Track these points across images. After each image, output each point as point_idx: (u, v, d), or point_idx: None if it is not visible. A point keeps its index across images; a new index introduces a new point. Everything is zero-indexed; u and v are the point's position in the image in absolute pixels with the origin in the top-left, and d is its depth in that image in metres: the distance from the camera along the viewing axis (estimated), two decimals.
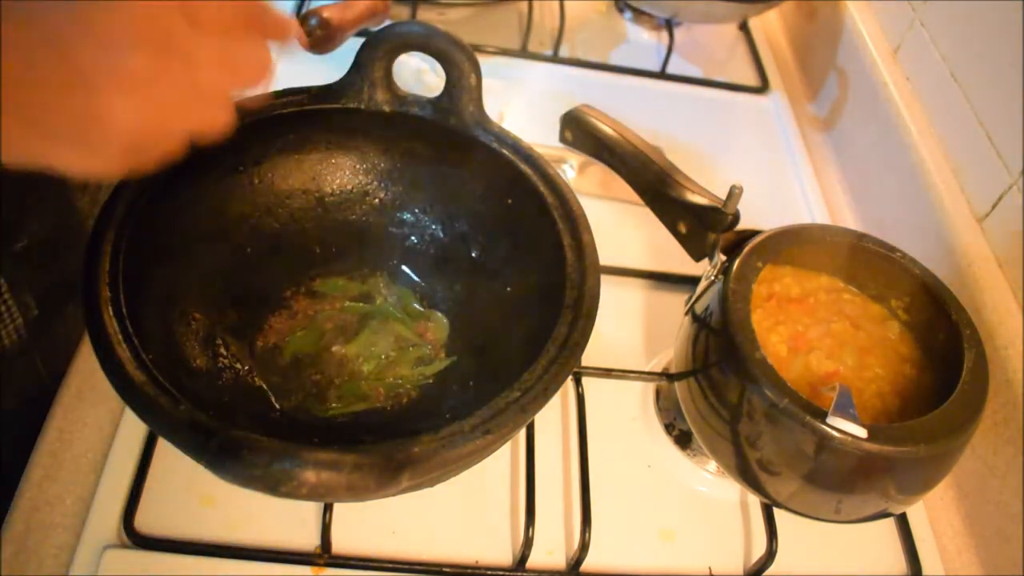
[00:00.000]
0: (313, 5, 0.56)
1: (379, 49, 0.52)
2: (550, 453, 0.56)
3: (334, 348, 0.55)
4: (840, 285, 0.55)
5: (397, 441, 0.37)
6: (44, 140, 0.29)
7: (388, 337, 0.55)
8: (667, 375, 0.60)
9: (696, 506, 0.56)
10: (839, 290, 0.54)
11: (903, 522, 0.56)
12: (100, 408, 0.54)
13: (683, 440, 0.58)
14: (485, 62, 0.59)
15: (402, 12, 0.84)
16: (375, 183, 0.58)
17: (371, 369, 0.54)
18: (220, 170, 0.52)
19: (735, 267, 0.50)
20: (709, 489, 0.57)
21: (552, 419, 0.58)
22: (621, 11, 0.97)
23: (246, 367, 0.51)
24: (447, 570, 0.50)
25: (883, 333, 0.52)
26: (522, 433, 0.55)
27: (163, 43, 0.29)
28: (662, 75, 0.89)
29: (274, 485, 0.34)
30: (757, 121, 0.87)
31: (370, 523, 0.51)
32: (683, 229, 0.56)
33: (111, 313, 0.40)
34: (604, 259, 0.49)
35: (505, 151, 0.53)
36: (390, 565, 0.49)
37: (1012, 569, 0.53)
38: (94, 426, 0.53)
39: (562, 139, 0.62)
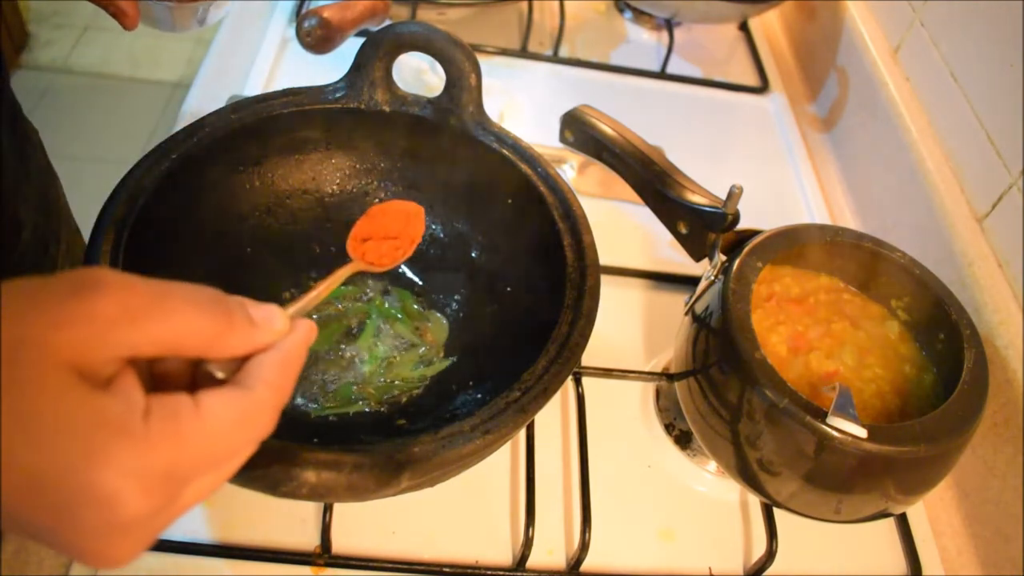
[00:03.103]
0: (313, 5, 0.56)
1: (379, 49, 0.52)
2: (550, 453, 0.56)
3: (334, 349, 0.55)
4: (840, 285, 0.55)
5: (397, 441, 0.37)
6: None
7: (388, 338, 0.55)
8: (667, 375, 0.60)
9: (696, 506, 0.56)
10: (839, 290, 0.55)
11: (903, 522, 0.56)
12: None
13: (683, 440, 0.58)
14: (485, 62, 0.59)
15: (402, 12, 0.84)
16: (375, 183, 0.58)
17: (371, 370, 0.54)
18: (220, 170, 0.52)
19: (735, 267, 0.50)
20: (709, 489, 0.57)
21: (552, 419, 0.58)
22: (621, 11, 0.97)
23: None
24: (447, 570, 0.50)
25: (883, 333, 0.52)
26: (522, 433, 0.55)
27: None
28: (662, 75, 0.89)
29: (274, 485, 0.34)
30: (757, 121, 0.87)
31: (370, 523, 0.51)
32: (683, 229, 0.56)
33: None
34: (604, 259, 0.49)
35: (505, 151, 0.53)
36: (390, 565, 0.49)
37: (1012, 569, 0.53)
38: None
39: (562, 139, 0.62)
